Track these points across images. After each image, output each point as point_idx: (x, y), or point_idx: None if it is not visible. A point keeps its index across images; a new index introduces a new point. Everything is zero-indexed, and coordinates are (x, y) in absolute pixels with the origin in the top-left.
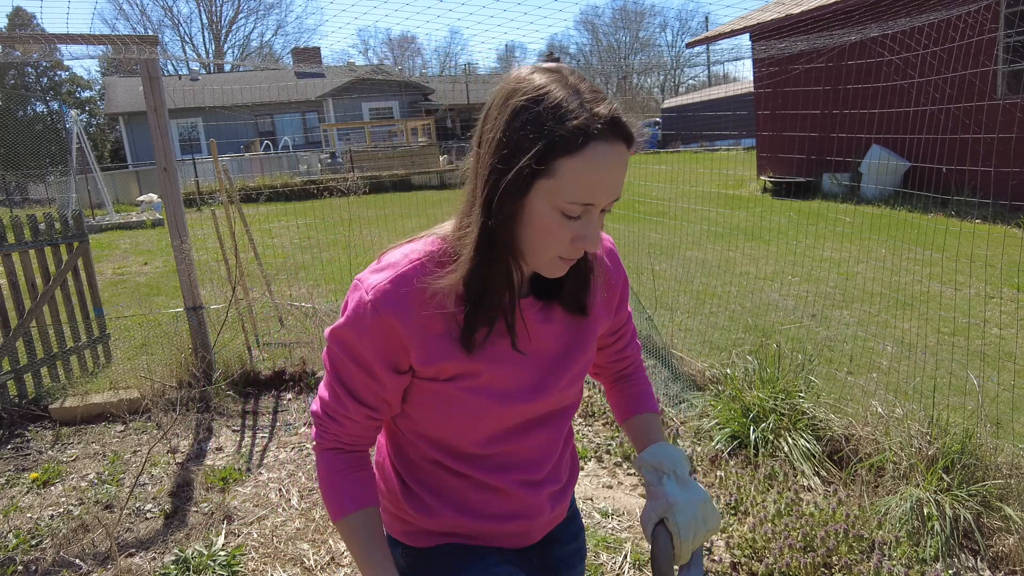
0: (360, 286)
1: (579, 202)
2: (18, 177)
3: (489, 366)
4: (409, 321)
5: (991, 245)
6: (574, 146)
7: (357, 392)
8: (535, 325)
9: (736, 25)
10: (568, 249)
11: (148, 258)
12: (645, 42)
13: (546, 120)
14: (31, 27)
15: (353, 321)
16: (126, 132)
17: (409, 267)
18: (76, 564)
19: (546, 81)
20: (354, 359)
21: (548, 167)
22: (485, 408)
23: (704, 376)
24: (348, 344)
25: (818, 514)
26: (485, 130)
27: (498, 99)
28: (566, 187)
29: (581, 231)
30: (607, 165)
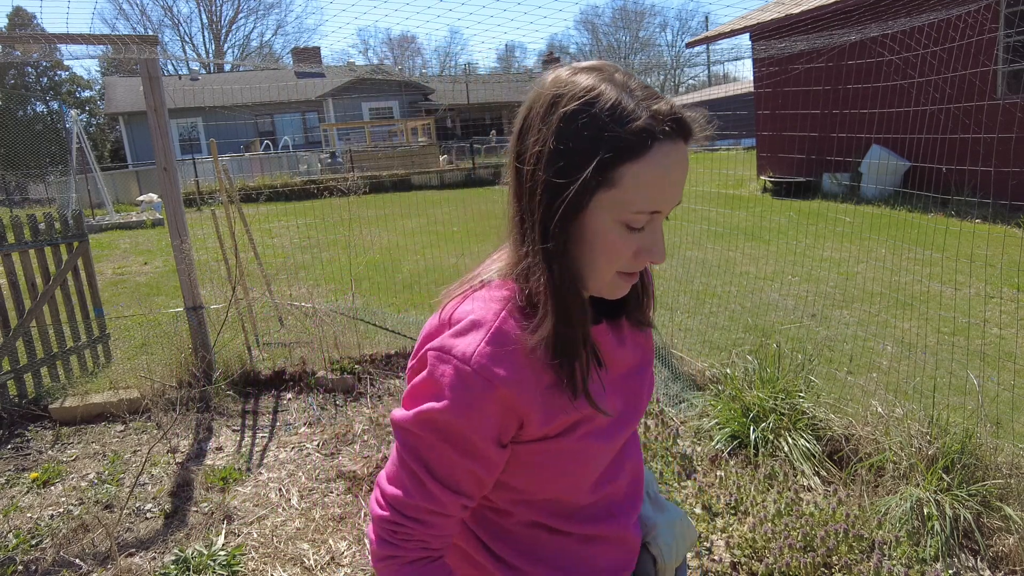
0: (447, 357)
1: (646, 211)
2: (18, 177)
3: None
4: (524, 385)
5: (991, 245)
6: (639, 150)
7: (456, 482)
8: (613, 350)
9: (736, 25)
10: (631, 264)
11: (148, 258)
12: (645, 42)
13: (604, 124)
14: (31, 27)
15: (455, 399)
16: (126, 132)
17: (500, 321)
18: (76, 564)
19: (594, 81)
20: (454, 444)
21: (609, 176)
22: (597, 452)
23: (704, 376)
24: (448, 427)
25: (818, 514)
26: (528, 143)
27: (540, 107)
28: (631, 196)
29: (647, 243)
30: (673, 167)
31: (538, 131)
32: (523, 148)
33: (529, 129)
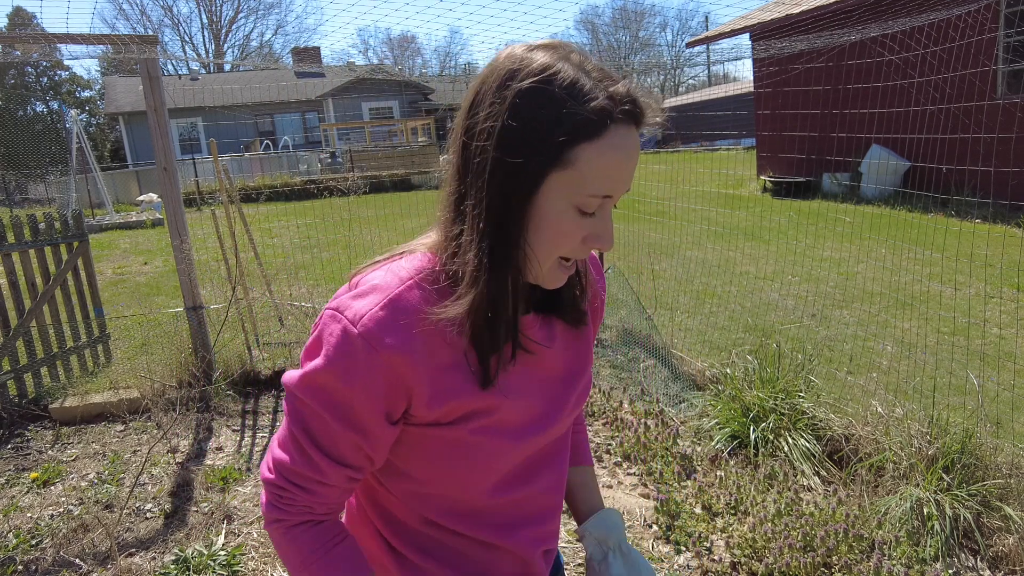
0: (339, 317)
1: (599, 194)
2: (18, 177)
3: (502, 400)
4: (414, 355)
5: (991, 245)
6: (596, 131)
7: (338, 452)
8: (540, 347)
9: (736, 25)
10: (577, 250)
11: (148, 258)
12: (645, 42)
13: (562, 102)
14: (31, 27)
15: (336, 362)
16: (126, 132)
17: (402, 288)
18: (76, 564)
19: (551, 59)
20: (336, 411)
21: (565, 157)
22: (498, 450)
23: (704, 376)
24: (328, 392)
25: (818, 514)
26: (478, 119)
27: (492, 82)
28: (586, 178)
29: (597, 228)
30: (628, 150)
31: (490, 106)
32: (473, 123)
33: (480, 103)
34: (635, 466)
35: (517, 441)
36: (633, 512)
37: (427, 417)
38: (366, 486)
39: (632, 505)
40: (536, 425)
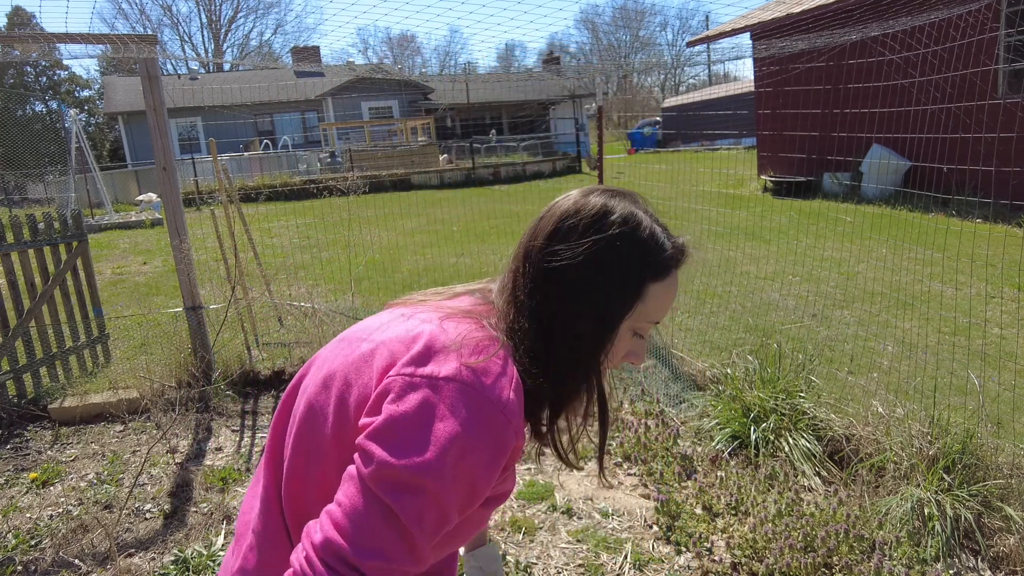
0: (477, 393)
1: (653, 321)
2: (17, 176)
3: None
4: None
5: (992, 245)
6: (664, 274)
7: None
8: None
9: (737, 24)
10: (617, 362)
11: (147, 258)
12: (645, 41)
13: (648, 249)
14: (30, 26)
15: (496, 451)
16: (125, 131)
17: (514, 374)
18: (75, 564)
19: (633, 209)
20: (464, 495)
21: (646, 289)
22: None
23: (704, 376)
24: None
25: (819, 514)
26: (566, 248)
27: (580, 219)
28: (649, 310)
29: (638, 347)
30: (676, 289)
31: (579, 243)
32: (559, 252)
33: (567, 237)
34: (635, 466)
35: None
36: (633, 513)
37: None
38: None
39: (632, 505)
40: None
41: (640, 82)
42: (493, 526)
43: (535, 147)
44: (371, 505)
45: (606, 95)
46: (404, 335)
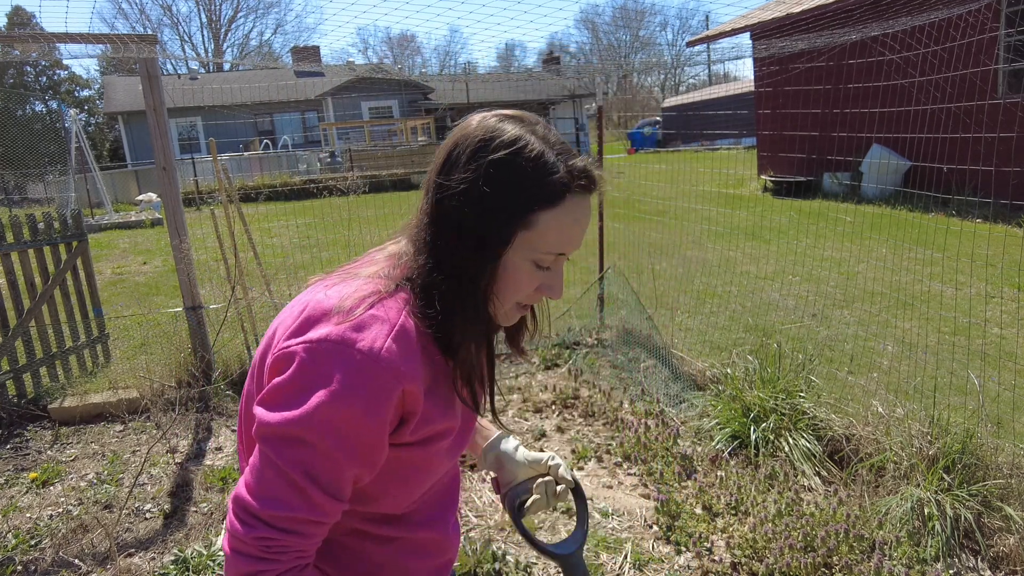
0: (348, 349)
1: (554, 252)
2: (17, 176)
3: (454, 421)
4: (421, 384)
5: (992, 245)
6: (555, 199)
7: (339, 488)
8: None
9: (737, 24)
10: (531, 297)
11: (147, 257)
12: (645, 41)
13: (530, 173)
14: (30, 26)
15: (357, 395)
16: (125, 131)
17: (403, 319)
18: (75, 564)
19: (521, 132)
20: (349, 446)
21: (528, 220)
22: (440, 466)
23: (704, 376)
24: (340, 427)
25: (819, 514)
26: (452, 180)
27: (466, 147)
28: (544, 239)
29: (549, 280)
30: (581, 217)
31: (464, 170)
32: (447, 183)
33: (455, 165)
34: (635, 466)
35: (455, 454)
36: (633, 512)
37: (406, 440)
38: None
39: (632, 505)
40: (462, 443)
41: (640, 82)
42: (493, 525)
43: None
44: (264, 462)
45: (606, 95)
46: (292, 310)
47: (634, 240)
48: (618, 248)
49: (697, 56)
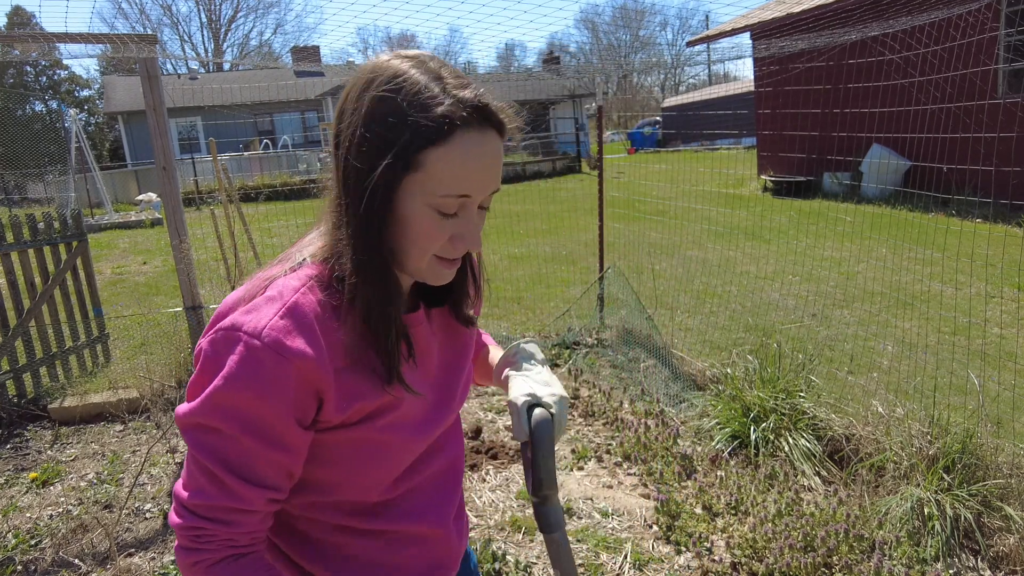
0: (237, 333)
1: (453, 195)
2: (17, 176)
3: (403, 394)
4: (320, 359)
5: (992, 244)
6: (440, 135)
7: (256, 474)
8: (427, 339)
9: (737, 24)
10: (447, 249)
11: (147, 257)
12: (645, 41)
13: (408, 109)
14: (30, 26)
15: (246, 378)
16: (125, 131)
17: (298, 295)
18: (75, 564)
19: (405, 67)
20: (252, 429)
21: (414, 161)
22: (403, 444)
23: (704, 376)
24: (242, 411)
25: (818, 514)
26: (342, 128)
27: (353, 91)
28: (437, 180)
29: (459, 229)
30: (478, 154)
31: (350, 115)
32: (339, 131)
33: (343, 113)
34: (635, 466)
35: (420, 434)
36: (633, 512)
37: (335, 420)
38: None
39: (632, 505)
40: (435, 415)
41: (640, 82)
42: (493, 525)
43: (535, 147)
44: (188, 454)
45: (606, 95)
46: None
47: (634, 240)
48: (618, 248)
49: (697, 56)
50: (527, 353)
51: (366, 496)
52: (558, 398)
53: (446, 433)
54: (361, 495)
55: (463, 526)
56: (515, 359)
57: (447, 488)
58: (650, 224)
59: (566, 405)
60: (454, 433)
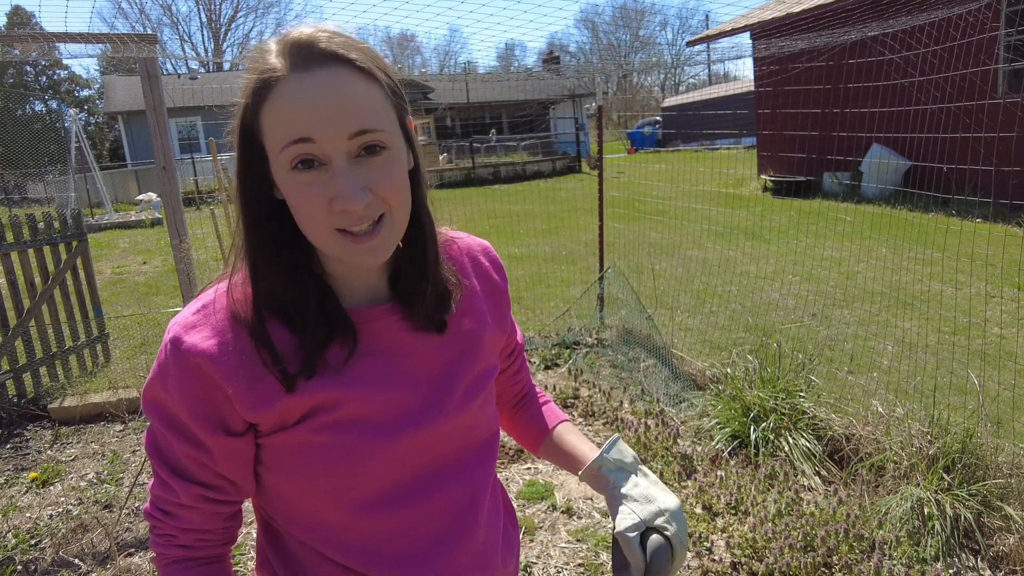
0: (165, 334)
1: (289, 142)
2: (17, 176)
3: (351, 391)
4: (222, 356)
5: (992, 244)
6: (267, 90)
7: (183, 468)
8: (401, 335)
9: (737, 23)
10: (336, 218)
11: (147, 257)
12: (645, 40)
13: (246, 84)
14: (30, 26)
15: (158, 372)
16: (125, 131)
17: (216, 294)
18: (75, 564)
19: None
20: (169, 424)
21: (257, 127)
22: (354, 447)
23: (704, 376)
24: (159, 405)
25: (818, 514)
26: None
27: None
28: (274, 137)
29: (331, 188)
30: (308, 93)
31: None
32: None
33: None
34: None
35: (379, 437)
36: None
37: (265, 424)
38: (261, 517)
39: None
40: (406, 421)
41: (640, 82)
42: None
43: (535, 147)
44: None
45: (606, 95)
46: None
47: (634, 240)
48: (618, 248)
49: (697, 56)
50: (614, 463)
51: (334, 517)
52: (669, 514)
53: (462, 460)
54: (327, 515)
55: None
56: (601, 473)
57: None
58: (650, 224)
59: (683, 520)
60: (476, 462)
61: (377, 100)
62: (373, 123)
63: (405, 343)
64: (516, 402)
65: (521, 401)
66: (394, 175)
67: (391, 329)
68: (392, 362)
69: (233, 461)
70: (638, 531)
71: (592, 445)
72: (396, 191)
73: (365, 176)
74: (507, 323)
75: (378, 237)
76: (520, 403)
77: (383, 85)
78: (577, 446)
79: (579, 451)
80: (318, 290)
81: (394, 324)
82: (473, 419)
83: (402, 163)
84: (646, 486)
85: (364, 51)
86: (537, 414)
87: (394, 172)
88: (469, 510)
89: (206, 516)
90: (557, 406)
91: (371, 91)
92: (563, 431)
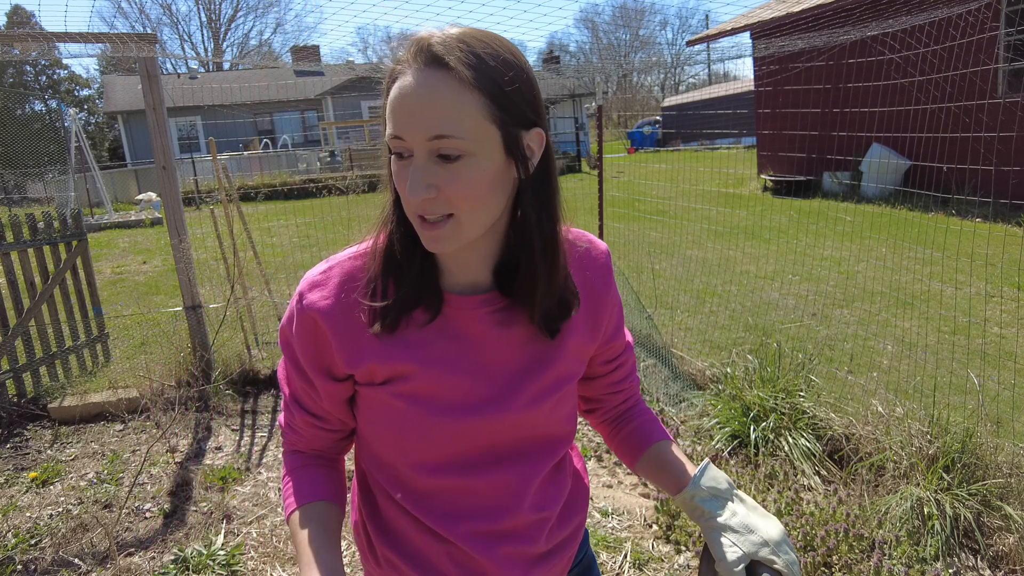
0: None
1: (391, 135)
2: (16, 176)
3: (423, 369)
4: (332, 313)
5: (992, 244)
6: (390, 84)
7: (299, 398)
8: (488, 327)
9: (737, 23)
10: (411, 204)
11: (147, 257)
12: (645, 40)
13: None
14: (30, 25)
15: (288, 318)
16: (125, 130)
17: (345, 257)
18: (75, 563)
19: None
20: (292, 360)
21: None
22: (421, 420)
23: (704, 375)
24: (287, 344)
25: (818, 513)
26: None
27: None
28: (387, 124)
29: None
30: (406, 93)
31: None
32: None
33: None
34: None
35: (444, 416)
36: (633, 512)
37: (360, 376)
38: (359, 475)
39: (632, 505)
40: (472, 407)
41: (640, 81)
42: None
43: None
44: None
45: (606, 94)
46: None
47: (634, 240)
48: (618, 248)
49: (697, 55)
50: (707, 492)
51: (406, 467)
52: (774, 544)
53: (525, 449)
54: (400, 462)
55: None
56: (695, 503)
57: (499, 508)
58: (650, 224)
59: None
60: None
61: (465, 108)
62: (450, 130)
63: (488, 336)
64: (618, 415)
65: (624, 414)
66: (465, 180)
67: (480, 320)
68: (469, 351)
69: (335, 400)
70: (743, 564)
71: (690, 467)
72: (464, 196)
73: (435, 174)
74: (601, 331)
75: (442, 230)
76: (623, 416)
77: (486, 94)
78: (672, 467)
79: (673, 473)
80: (422, 261)
81: (485, 316)
82: (542, 418)
83: (483, 172)
84: (744, 514)
85: (479, 57)
86: (637, 429)
87: (466, 178)
88: (519, 488)
89: (316, 439)
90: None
91: (462, 99)
92: (659, 451)
